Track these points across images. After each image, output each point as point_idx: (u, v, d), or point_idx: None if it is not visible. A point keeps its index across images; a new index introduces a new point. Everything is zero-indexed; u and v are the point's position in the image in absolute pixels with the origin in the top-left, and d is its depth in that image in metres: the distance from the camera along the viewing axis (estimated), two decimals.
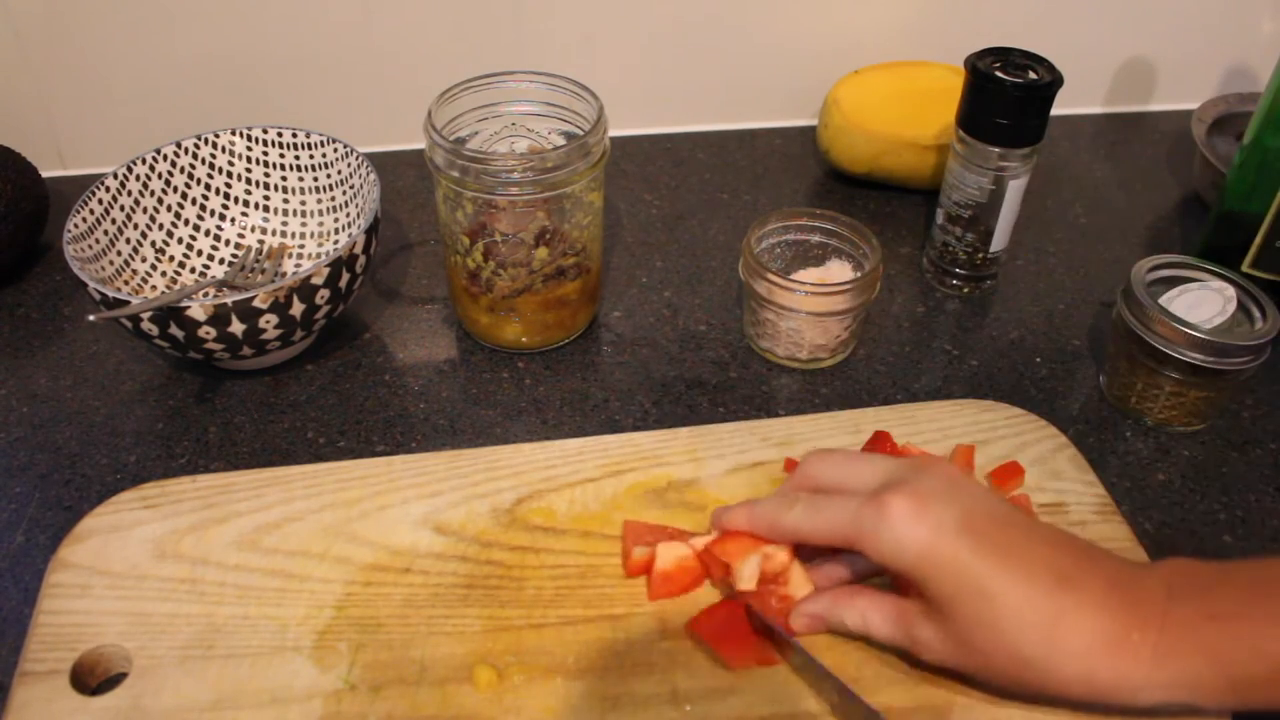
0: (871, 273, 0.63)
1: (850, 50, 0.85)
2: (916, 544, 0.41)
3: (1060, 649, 0.40)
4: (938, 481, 0.43)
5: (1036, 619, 0.40)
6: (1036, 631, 0.40)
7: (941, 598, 0.41)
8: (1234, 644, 0.38)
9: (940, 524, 0.41)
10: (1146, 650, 0.39)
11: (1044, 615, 0.40)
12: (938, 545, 0.41)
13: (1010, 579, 0.40)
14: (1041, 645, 0.40)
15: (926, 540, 0.41)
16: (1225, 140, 0.81)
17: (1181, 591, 0.40)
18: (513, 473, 0.55)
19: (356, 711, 0.45)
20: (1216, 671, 0.39)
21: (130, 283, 0.65)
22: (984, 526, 0.41)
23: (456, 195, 0.59)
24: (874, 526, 0.42)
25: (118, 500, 0.53)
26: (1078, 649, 0.39)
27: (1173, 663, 0.39)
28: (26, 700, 0.45)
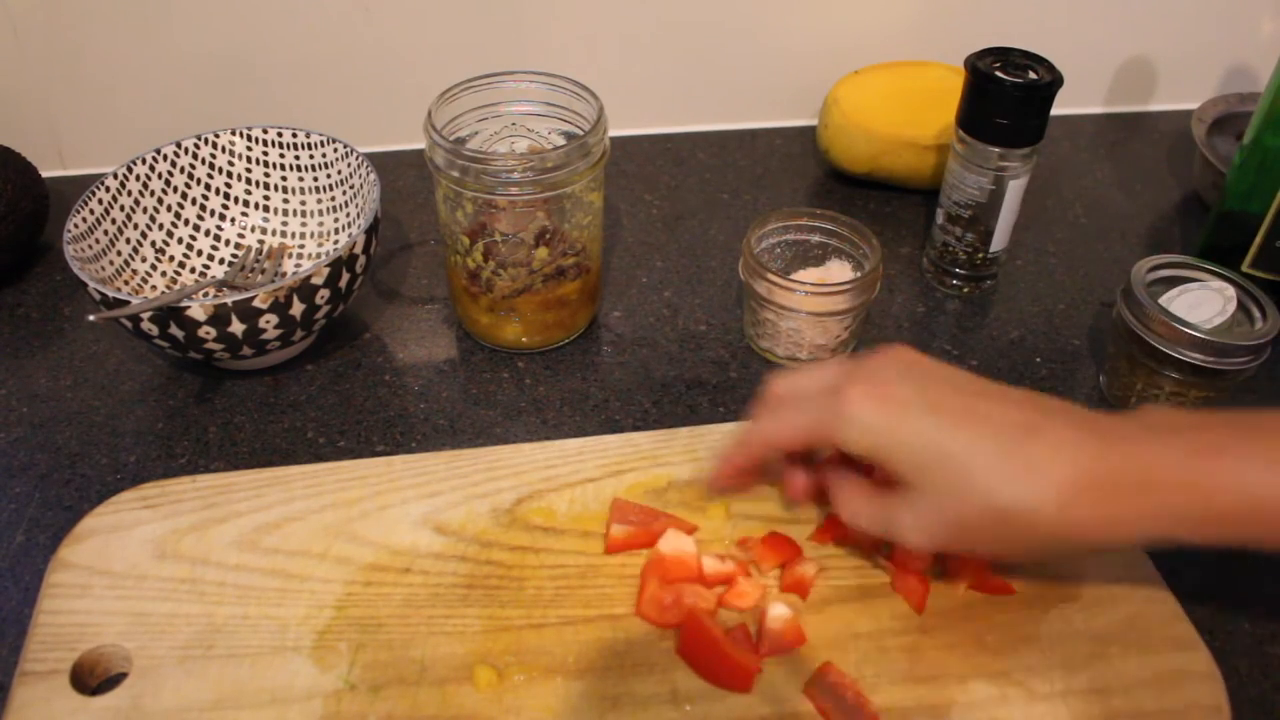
0: (871, 273, 0.63)
1: (850, 50, 0.85)
2: (880, 426, 0.42)
3: (1039, 496, 0.39)
4: (892, 365, 0.44)
5: (1009, 468, 0.39)
6: (1011, 481, 0.39)
7: (913, 474, 0.41)
8: (1216, 478, 0.38)
9: (901, 403, 0.42)
10: (1130, 488, 0.39)
11: (1017, 463, 0.39)
12: (901, 424, 0.41)
13: (976, 439, 0.40)
14: (1018, 495, 0.39)
15: (888, 421, 0.41)
16: (1225, 140, 0.81)
17: (1161, 431, 0.40)
18: (513, 473, 0.55)
19: (356, 711, 0.45)
20: (1200, 505, 0.39)
21: (130, 283, 0.65)
22: (944, 397, 0.42)
23: (456, 195, 0.59)
24: (836, 417, 0.43)
25: (118, 500, 0.53)
26: (1057, 493, 0.39)
27: (1158, 498, 0.39)
28: (26, 700, 0.45)
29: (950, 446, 0.40)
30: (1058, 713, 0.45)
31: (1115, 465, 0.39)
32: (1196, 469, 0.39)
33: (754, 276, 0.64)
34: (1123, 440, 0.40)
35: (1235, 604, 0.52)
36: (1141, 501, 0.39)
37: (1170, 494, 0.39)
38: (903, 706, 0.45)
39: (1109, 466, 0.39)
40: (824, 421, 0.43)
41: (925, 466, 0.41)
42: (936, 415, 0.41)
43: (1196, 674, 0.46)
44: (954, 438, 0.40)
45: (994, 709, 0.45)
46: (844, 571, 0.51)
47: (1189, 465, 0.39)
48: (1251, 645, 0.50)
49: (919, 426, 0.41)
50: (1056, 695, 0.45)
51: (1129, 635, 0.48)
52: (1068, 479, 0.39)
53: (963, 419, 0.41)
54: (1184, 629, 0.48)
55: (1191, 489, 0.39)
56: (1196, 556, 0.54)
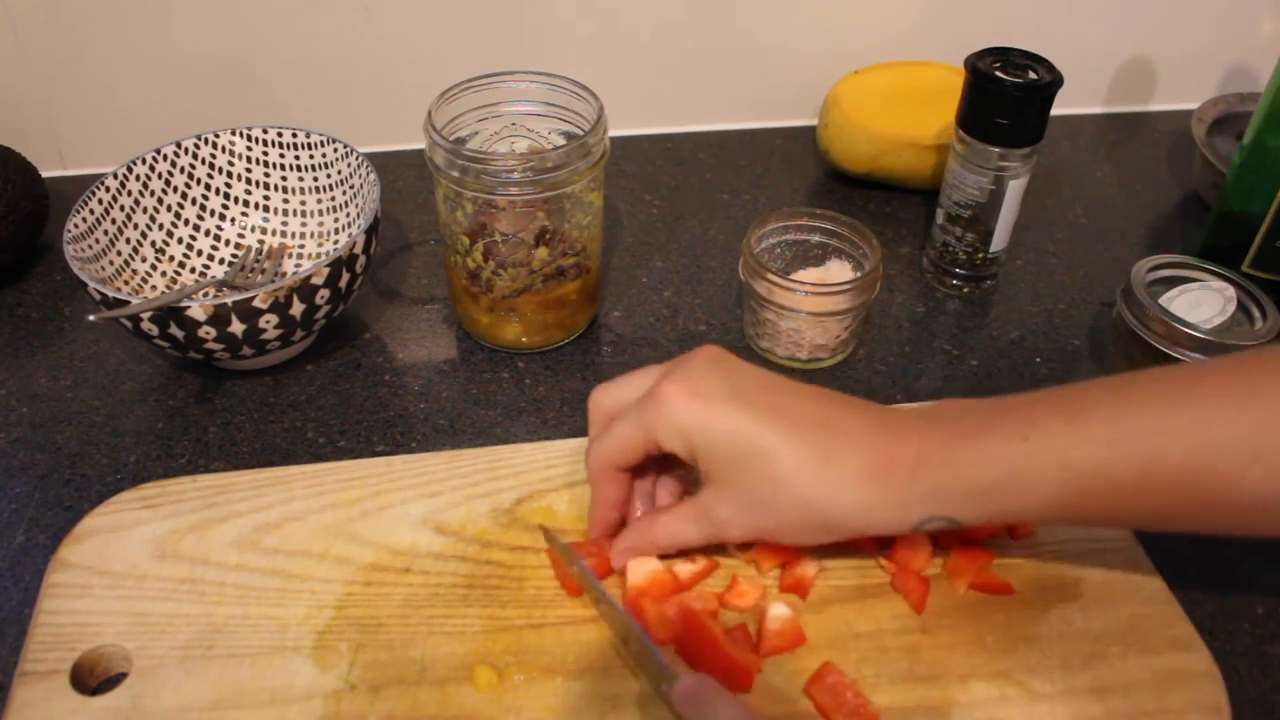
0: (871, 273, 0.63)
1: (850, 50, 0.85)
2: (694, 420, 0.44)
3: (835, 484, 0.43)
4: (702, 363, 0.46)
5: (811, 462, 0.43)
6: (812, 473, 0.43)
7: (726, 466, 0.44)
8: (973, 455, 0.42)
9: (711, 397, 0.44)
10: (904, 472, 0.42)
11: (816, 458, 0.43)
12: (713, 417, 0.44)
13: (783, 433, 0.43)
14: (818, 484, 0.43)
15: (702, 415, 0.44)
16: (1225, 140, 0.81)
17: (935, 418, 0.44)
18: (513, 473, 0.55)
19: (356, 711, 0.45)
20: (960, 481, 0.42)
21: (130, 283, 0.65)
22: (751, 392, 0.44)
23: (456, 195, 0.59)
24: (655, 417, 0.45)
25: (118, 500, 0.53)
26: (849, 481, 0.43)
27: (926, 478, 0.42)
28: (26, 700, 0.45)
29: (760, 440, 0.43)
30: (1058, 713, 0.45)
31: (895, 451, 0.43)
32: (957, 448, 0.42)
33: (754, 276, 0.64)
34: (902, 429, 0.43)
35: (1235, 604, 0.52)
36: (916, 482, 0.42)
37: (937, 473, 0.42)
38: (903, 706, 0.45)
39: (890, 453, 0.43)
40: (647, 426, 0.45)
41: (737, 459, 0.44)
42: (747, 409, 0.44)
43: (1196, 674, 0.46)
44: (763, 431, 0.43)
45: (994, 709, 0.45)
46: (844, 571, 0.51)
47: (950, 445, 0.42)
48: (1251, 645, 0.50)
49: (731, 420, 0.43)
50: (1056, 695, 0.45)
51: (1129, 635, 0.48)
52: (860, 468, 0.43)
53: (771, 413, 0.44)
54: (1184, 629, 0.48)
55: (954, 466, 0.42)
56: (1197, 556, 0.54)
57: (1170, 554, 0.54)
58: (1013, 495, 0.41)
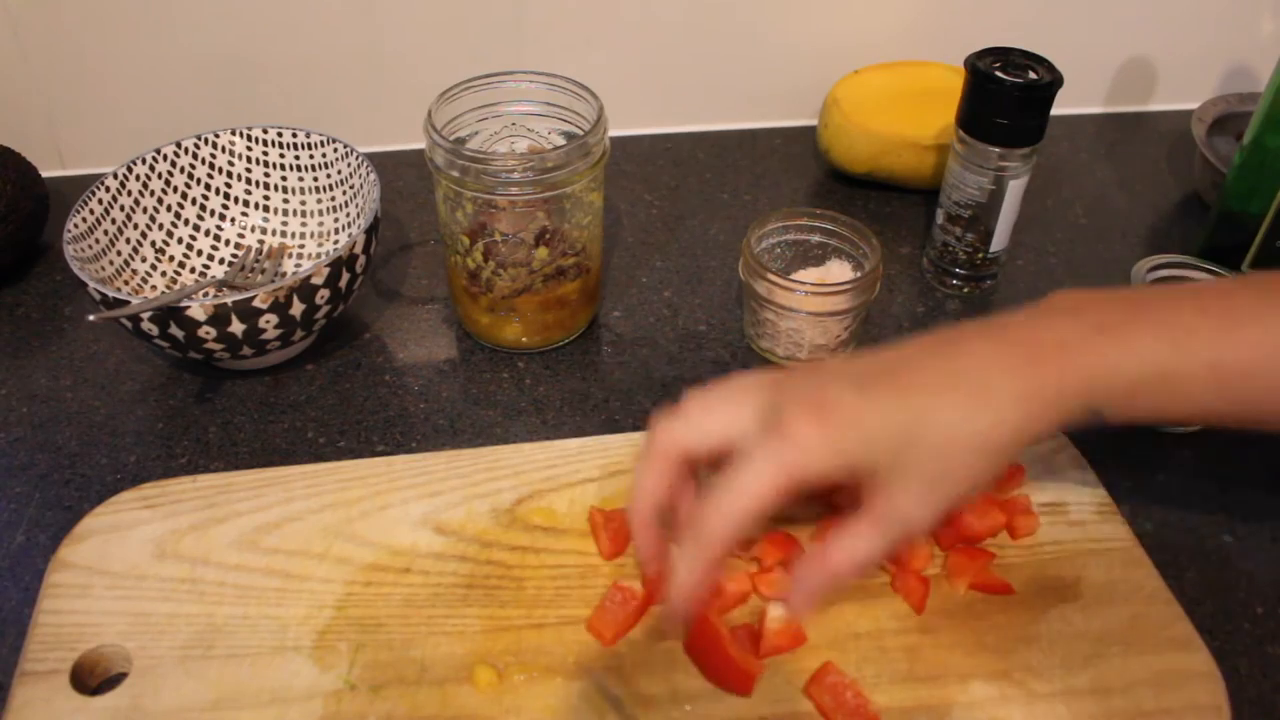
0: (871, 273, 0.63)
1: (850, 50, 0.85)
2: (844, 435, 0.41)
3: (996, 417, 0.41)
4: (807, 380, 0.43)
5: (965, 406, 0.41)
6: (973, 414, 0.41)
7: (891, 459, 0.41)
8: (1120, 351, 0.41)
9: (844, 407, 0.41)
10: (1053, 376, 0.41)
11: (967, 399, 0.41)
12: (857, 422, 0.41)
13: (927, 398, 0.41)
14: (982, 425, 0.41)
15: (847, 426, 0.41)
16: (1225, 140, 0.81)
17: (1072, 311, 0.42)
18: (513, 473, 0.55)
19: (356, 711, 0.45)
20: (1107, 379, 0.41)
21: (130, 283, 0.65)
22: (876, 381, 0.42)
23: (456, 195, 0.59)
24: (800, 454, 0.40)
25: (118, 500, 0.53)
26: (1007, 407, 0.41)
27: (1073, 375, 0.41)
28: (26, 700, 0.45)
29: (911, 415, 0.41)
30: (1058, 713, 0.45)
31: (1038, 362, 0.41)
32: (1102, 345, 0.41)
33: (754, 276, 0.64)
34: (1036, 336, 0.42)
35: (1235, 604, 0.52)
36: (1065, 382, 0.41)
37: (1082, 369, 0.41)
38: (903, 706, 0.45)
39: (1034, 366, 0.41)
40: (791, 468, 0.40)
41: (901, 448, 0.41)
42: (880, 397, 0.41)
43: (1196, 674, 0.46)
44: (909, 406, 0.41)
45: (994, 709, 0.45)
46: None
47: (1094, 342, 0.41)
48: (1251, 645, 0.50)
49: (873, 417, 0.41)
50: (1056, 695, 0.45)
51: (1129, 635, 0.48)
52: (1012, 392, 0.41)
53: (906, 388, 0.41)
54: (1184, 629, 0.48)
55: (1099, 362, 0.41)
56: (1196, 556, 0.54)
57: (1170, 554, 0.54)
58: (1158, 394, 0.41)
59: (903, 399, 0.41)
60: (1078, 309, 0.42)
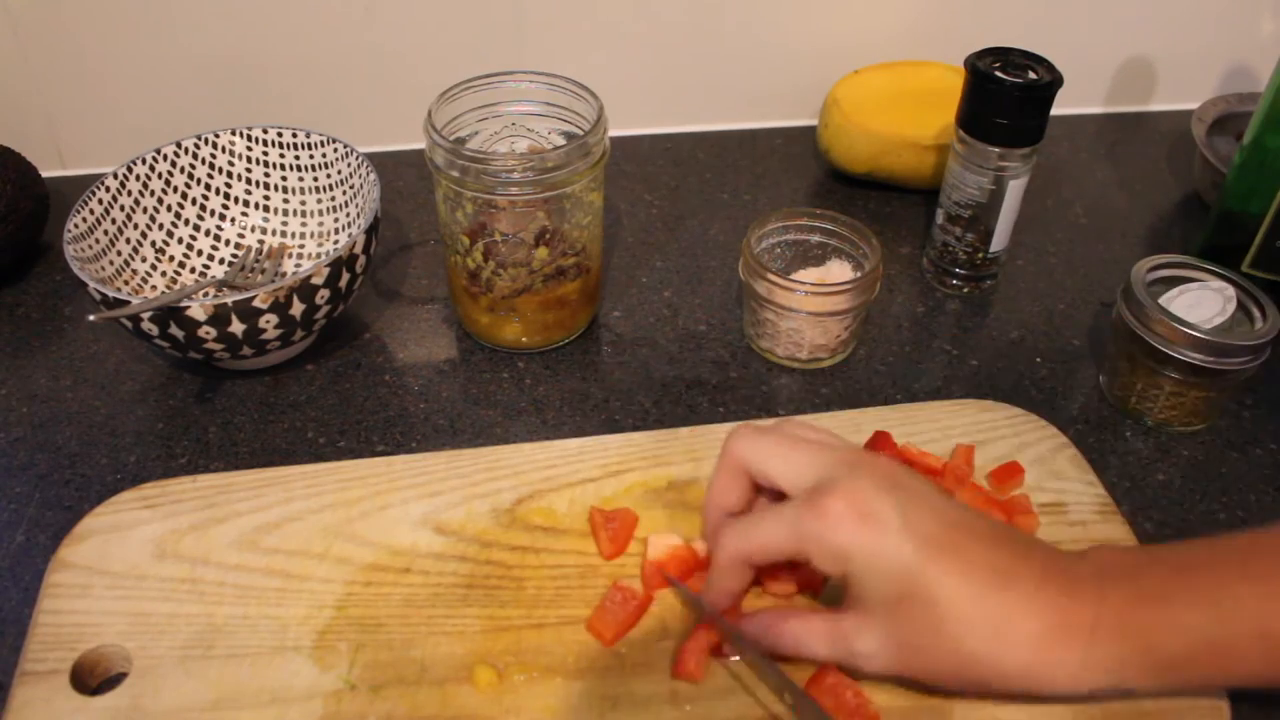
0: (871, 273, 0.63)
1: (850, 50, 0.85)
2: (858, 547, 0.40)
3: (1005, 643, 0.40)
4: (875, 480, 0.42)
5: (982, 618, 0.40)
6: (982, 630, 0.40)
7: (882, 602, 0.41)
8: (1160, 624, 0.40)
9: (882, 526, 0.40)
10: (1082, 636, 0.40)
11: (989, 614, 0.40)
12: (880, 548, 0.40)
13: (955, 581, 0.40)
14: (987, 642, 0.40)
15: (868, 543, 0.40)
16: (1225, 140, 0.81)
17: (1112, 576, 0.41)
18: (513, 473, 0.55)
19: (356, 711, 0.45)
20: (1145, 651, 0.40)
21: (130, 283, 0.65)
22: (926, 526, 0.41)
23: (456, 195, 0.59)
24: (816, 533, 0.41)
25: (118, 500, 0.53)
26: (1021, 642, 0.40)
27: (1106, 646, 0.40)
28: (26, 700, 0.45)
29: (933, 589, 0.40)
30: (1058, 712, 0.45)
31: (1071, 615, 0.40)
32: (1142, 617, 0.40)
33: (754, 276, 0.64)
34: (1079, 586, 0.41)
35: None
36: (1094, 650, 0.40)
37: (1118, 642, 0.40)
38: (903, 706, 0.45)
39: (1067, 617, 0.40)
40: (803, 538, 0.42)
41: (899, 600, 0.41)
42: (918, 548, 0.40)
43: None
44: (932, 577, 0.40)
45: (994, 709, 0.45)
46: None
47: (1134, 613, 0.40)
48: None
49: (900, 556, 0.40)
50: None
51: None
52: (1034, 633, 0.40)
53: (942, 556, 0.40)
54: None
55: (1139, 636, 0.40)
56: None
57: None
58: (1205, 667, 0.40)
59: (931, 565, 0.40)
60: (1121, 573, 0.41)
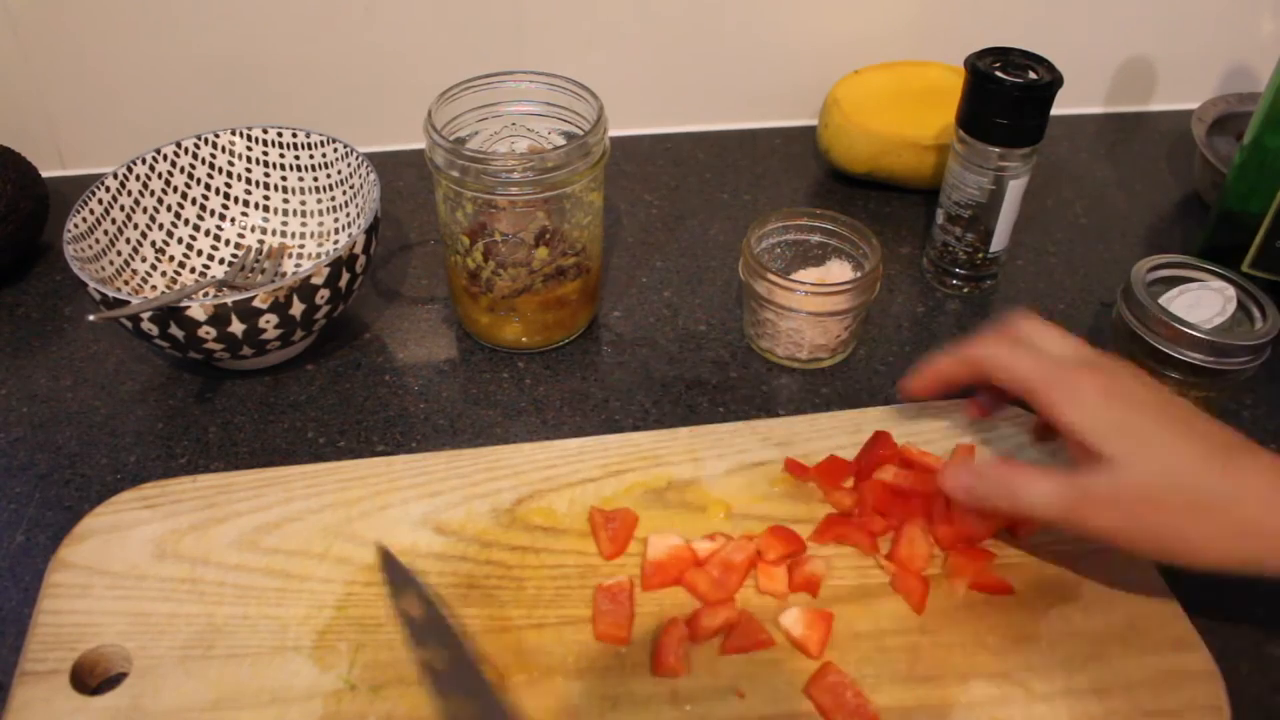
0: (871, 273, 0.63)
1: (850, 50, 0.85)
2: (1106, 419, 0.45)
3: (1241, 489, 0.43)
4: (1126, 369, 0.48)
5: (1217, 468, 0.44)
6: (1217, 478, 0.44)
7: (1125, 459, 0.44)
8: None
9: (1128, 401, 0.46)
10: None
11: (1222, 464, 0.44)
12: (1128, 420, 0.45)
13: (1192, 443, 0.45)
14: (1222, 487, 0.43)
15: (1116, 415, 0.45)
16: (1225, 140, 0.81)
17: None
18: (513, 473, 0.55)
19: (356, 711, 0.45)
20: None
21: (130, 283, 0.65)
22: (1162, 408, 0.46)
23: (456, 195, 0.59)
24: (1067, 396, 0.46)
25: (118, 500, 0.53)
26: (1257, 491, 0.43)
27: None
28: (26, 700, 0.45)
29: (1170, 446, 0.44)
30: (1058, 713, 0.45)
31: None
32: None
33: (754, 276, 0.64)
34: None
35: (1235, 604, 0.52)
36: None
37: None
38: (903, 706, 0.45)
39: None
40: (1052, 394, 0.46)
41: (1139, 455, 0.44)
42: (1157, 419, 0.45)
43: (1196, 674, 0.46)
44: (1174, 440, 0.45)
45: (994, 709, 0.45)
46: (844, 571, 0.51)
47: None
48: (1251, 645, 0.50)
49: (1144, 424, 0.45)
50: (1056, 695, 0.45)
51: (1129, 635, 0.48)
52: (1265, 484, 0.44)
53: (1180, 427, 0.45)
54: (1184, 629, 0.48)
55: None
56: None
57: None
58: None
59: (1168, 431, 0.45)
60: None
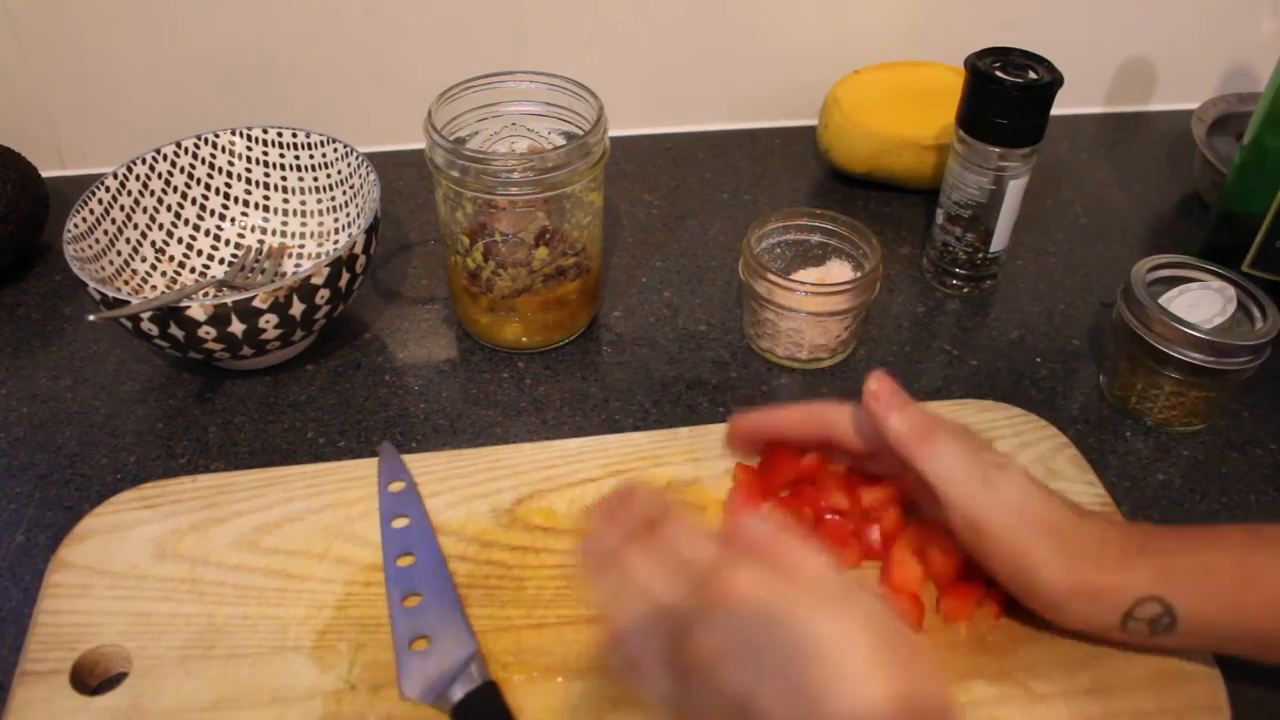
0: (871, 273, 0.63)
1: (850, 50, 0.85)
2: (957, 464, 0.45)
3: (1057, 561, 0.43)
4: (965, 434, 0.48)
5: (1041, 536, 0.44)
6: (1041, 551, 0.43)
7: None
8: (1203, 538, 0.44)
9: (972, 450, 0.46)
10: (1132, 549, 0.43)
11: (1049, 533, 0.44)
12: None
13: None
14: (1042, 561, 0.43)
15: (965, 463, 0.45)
16: (1225, 140, 0.81)
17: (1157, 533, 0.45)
18: (513, 473, 0.55)
19: (356, 711, 0.45)
20: (1191, 560, 0.43)
21: (130, 283, 0.65)
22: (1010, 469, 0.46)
23: (456, 195, 0.59)
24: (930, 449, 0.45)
25: (118, 500, 0.53)
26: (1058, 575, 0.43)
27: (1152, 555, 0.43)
28: (26, 700, 0.45)
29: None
30: (1058, 713, 0.45)
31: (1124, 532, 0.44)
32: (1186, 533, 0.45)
33: (754, 276, 0.64)
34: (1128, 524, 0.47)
35: None
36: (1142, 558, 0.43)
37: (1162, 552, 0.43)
38: None
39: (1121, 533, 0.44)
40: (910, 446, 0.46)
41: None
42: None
43: (1196, 674, 0.46)
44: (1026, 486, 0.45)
45: (994, 709, 0.45)
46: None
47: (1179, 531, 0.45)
48: None
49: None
50: (1056, 695, 0.45)
51: None
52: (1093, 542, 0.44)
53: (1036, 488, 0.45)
54: None
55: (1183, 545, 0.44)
56: None
57: None
58: (1237, 582, 0.42)
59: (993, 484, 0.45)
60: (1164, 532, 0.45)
